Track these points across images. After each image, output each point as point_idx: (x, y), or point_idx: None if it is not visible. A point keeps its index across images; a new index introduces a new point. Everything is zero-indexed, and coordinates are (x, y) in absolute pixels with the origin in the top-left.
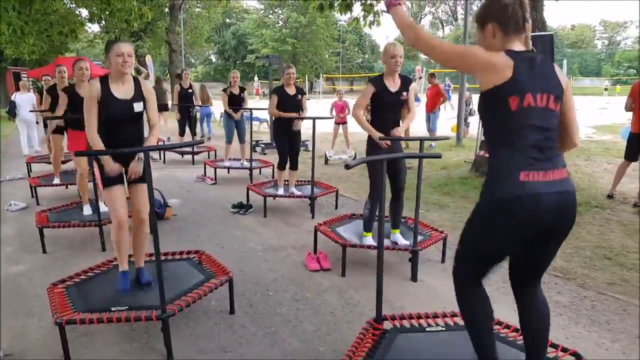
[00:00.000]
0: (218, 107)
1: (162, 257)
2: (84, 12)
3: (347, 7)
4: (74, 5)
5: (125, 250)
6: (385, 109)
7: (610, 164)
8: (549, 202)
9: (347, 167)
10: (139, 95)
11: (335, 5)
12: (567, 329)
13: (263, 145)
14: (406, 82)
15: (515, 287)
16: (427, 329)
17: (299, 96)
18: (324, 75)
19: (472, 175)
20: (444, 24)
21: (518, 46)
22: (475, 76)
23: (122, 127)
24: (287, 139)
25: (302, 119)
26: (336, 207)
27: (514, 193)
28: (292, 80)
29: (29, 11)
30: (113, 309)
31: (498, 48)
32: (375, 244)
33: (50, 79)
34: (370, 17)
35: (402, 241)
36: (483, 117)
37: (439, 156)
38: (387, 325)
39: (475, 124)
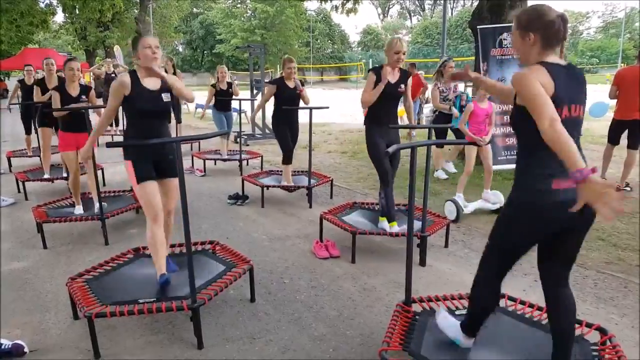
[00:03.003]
0: (196, 98)
1: (178, 249)
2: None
3: None
4: None
5: (163, 251)
6: (383, 99)
7: (586, 150)
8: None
9: (387, 154)
10: (166, 86)
11: None
12: (576, 306)
13: (245, 137)
14: (405, 75)
15: (544, 281)
16: (457, 312)
17: (298, 89)
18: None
19: (460, 163)
20: (412, 14)
21: (553, 58)
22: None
23: (151, 120)
24: (288, 131)
25: (299, 109)
26: (331, 197)
27: (547, 200)
28: (293, 74)
29: None
30: (141, 300)
31: (533, 56)
32: (388, 230)
33: (32, 68)
34: (349, 4)
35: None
36: (520, 126)
37: (466, 142)
38: (415, 307)
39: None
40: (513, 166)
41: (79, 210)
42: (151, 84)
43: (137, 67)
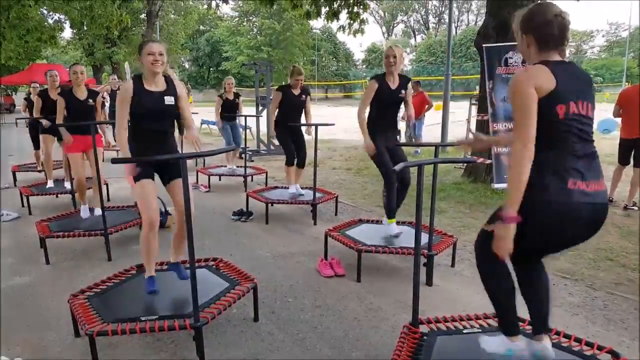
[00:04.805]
0: (201, 114)
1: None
2: (61, 18)
3: (334, 14)
4: (47, 11)
5: (154, 254)
6: (384, 106)
7: None
8: (587, 213)
9: (393, 172)
10: (170, 90)
11: (323, 13)
12: (585, 328)
13: (250, 152)
14: (404, 81)
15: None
16: (465, 331)
17: (304, 96)
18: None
19: (465, 180)
20: (416, 33)
21: (554, 57)
22: None
23: (153, 122)
24: (289, 133)
25: (302, 125)
26: (336, 214)
27: (562, 200)
28: (300, 85)
29: (7, 17)
30: (143, 318)
31: (532, 57)
32: (395, 232)
33: (37, 85)
34: (356, 25)
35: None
36: None
37: (473, 161)
38: (422, 328)
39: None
40: None
41: (84, 212)
42: (154, 87)
43: (142, 74)
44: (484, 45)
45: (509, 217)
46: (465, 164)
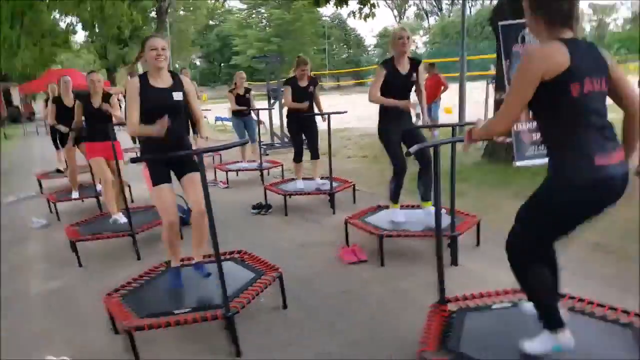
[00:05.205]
0: (215, 111)
1: (207, 259)
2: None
3: (342, 0)
4: (58, 16)
5: (179, 247)
6: (396, 93)
7: None
8: (619, 183)
9: (409, 154)
10: (177, 86)
11: None
12: (621, 301)
13: (265, 147)
14: (415, 64)
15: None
16: (494, 307)
17: (311, 87)
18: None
19: (485, 161)
20: (429, 15)
21: (567, 34)
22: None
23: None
24: (300, 128)
25: (316, 115)
26: (354, 202)
27: (592, 177)
28: (306, 76)
29: (21, 24)
30: (176, 312)
31: (542, 35)
32: (404, 220)
33: (55, 86)
34: (366, 10)
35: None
36: (541, 107)
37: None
38: (450, 307)
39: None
40: (541, 161)
41: (121, 219)
42: (161, 83)
43: (147, 71)
44: (499, 23)
45: (473, 139)
46: (484, 144)
